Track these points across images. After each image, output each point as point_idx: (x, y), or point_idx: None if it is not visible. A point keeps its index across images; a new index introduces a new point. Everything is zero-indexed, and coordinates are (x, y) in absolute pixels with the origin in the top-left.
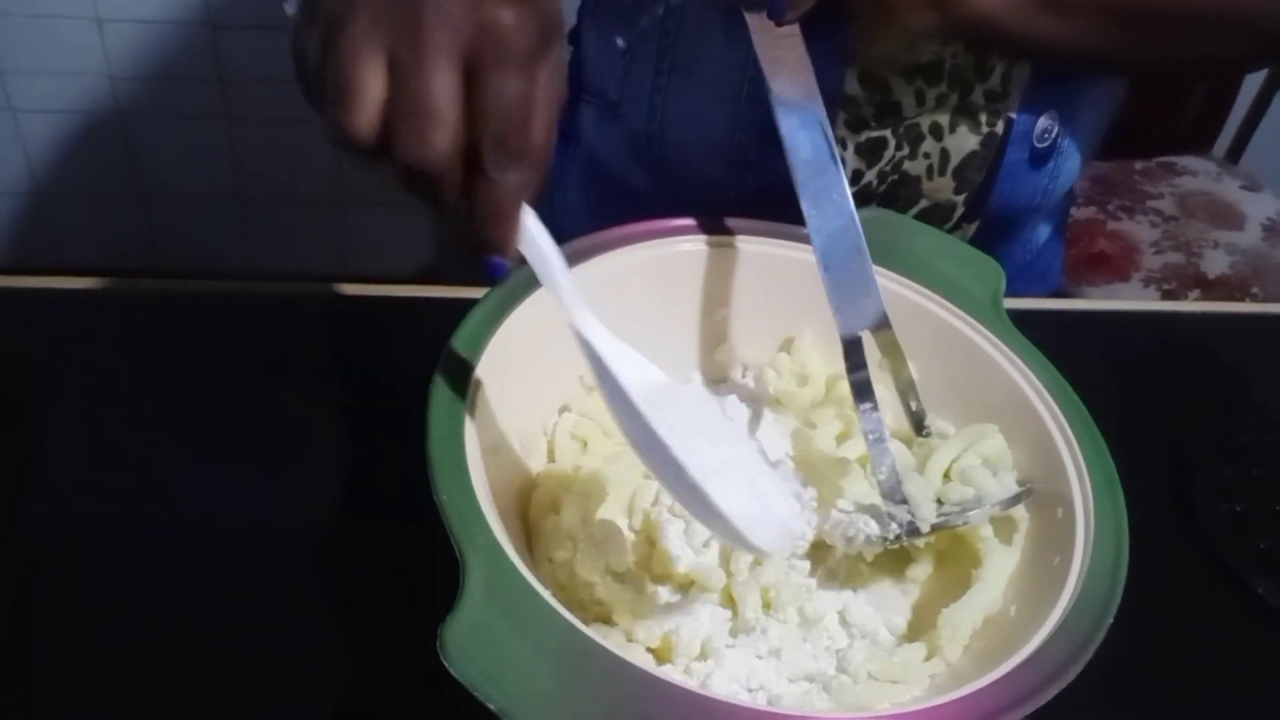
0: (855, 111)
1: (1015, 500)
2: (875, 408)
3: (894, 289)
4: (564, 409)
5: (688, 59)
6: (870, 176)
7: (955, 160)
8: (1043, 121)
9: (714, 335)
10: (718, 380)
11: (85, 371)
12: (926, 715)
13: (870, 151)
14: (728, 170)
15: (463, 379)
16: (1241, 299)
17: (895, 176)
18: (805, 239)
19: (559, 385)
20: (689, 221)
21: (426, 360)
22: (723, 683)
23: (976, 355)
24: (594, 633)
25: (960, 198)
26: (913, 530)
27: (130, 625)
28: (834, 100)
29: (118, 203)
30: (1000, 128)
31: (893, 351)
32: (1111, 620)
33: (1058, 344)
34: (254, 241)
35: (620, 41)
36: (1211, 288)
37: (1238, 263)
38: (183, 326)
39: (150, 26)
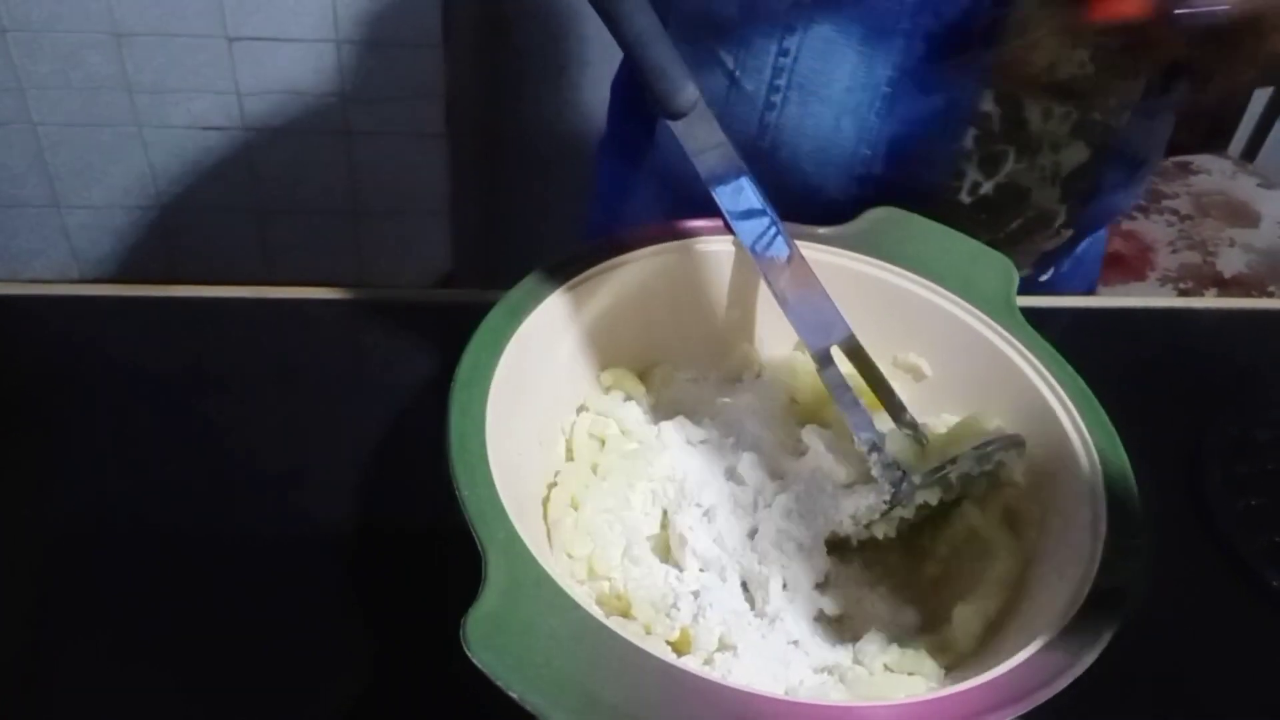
0: (986, 127)
1: (1004, 446)
2: (848, 390)
3: (907, 286)
4: (582, 408)
5: (811, 79)
6: (987, 188)
7: (1065, 171)
8: (1143, 131)
9: (731, 335)
10: (734, 379)
11: (103, 377)
12: (940, 705)
13: (992, 164)
14: (846, 184)
15: (482, 379)
16: (1258, 297)
17: (1010, 188)
18: (819, 239)
19: (577, 385)
20: (705, 223)
21: (444, 362)
22: (740, 673)
23: (990, 351)
24: (612, 624)
25: (1063, 207)
26: (908, 487)
27: (147, 627)
28: (966, 116)
29: (136, 214)
30: (1110, 140)
31: (861, 360)
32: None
33: (1072, 341)
34: (270, 252)
35: (728, 59)
36: (1228, 286)
37: (1254, 261)
38: (200, 331)
39: (166, 40)
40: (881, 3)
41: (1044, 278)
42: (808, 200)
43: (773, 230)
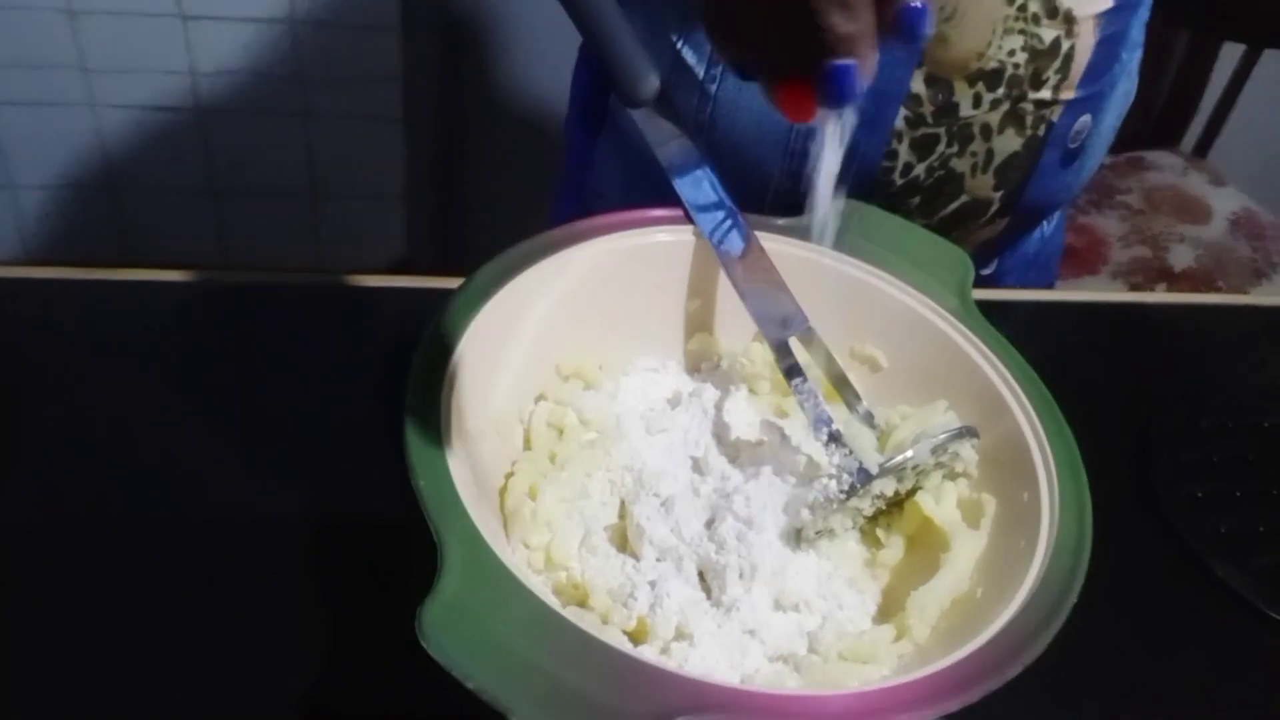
0: (916, 109)
1: (958, 436)
2: (806, 380)
3: (865, 278)
4: (540, 397)
5: None
6: (919, 170)
7: (998, 160)
8: (1078, 124)
9: (690, 324)
10: (694, 369)
11: (52, 362)
12: (893, 692)
13: (923, 147)
14: (782, 160)
15: (439, 367)
16: (1206, 292)
17: (942, 172)
18: (778, 230)
19: (535, 373)
20: (666, 212)
21: (402, 349)
22: (696, 662)
23: (945, 343)
24: (569, 614)
25: (998, 195)
26: (864, 476)
27: (101, 613)
28: (897, 97)
29: (88, 195)
30: (1043, 130)
31: (819, 351)
32: (1075, 599)
33: (1026, 333)
34: (227, 235)
35: (673, 34)
36: (1177, 281)
37: (1203, 256)
38: (152, 316)
39: (121, 19)
40: None
41: (986, 271)
42: (746, 176)
43: (729, 222)
